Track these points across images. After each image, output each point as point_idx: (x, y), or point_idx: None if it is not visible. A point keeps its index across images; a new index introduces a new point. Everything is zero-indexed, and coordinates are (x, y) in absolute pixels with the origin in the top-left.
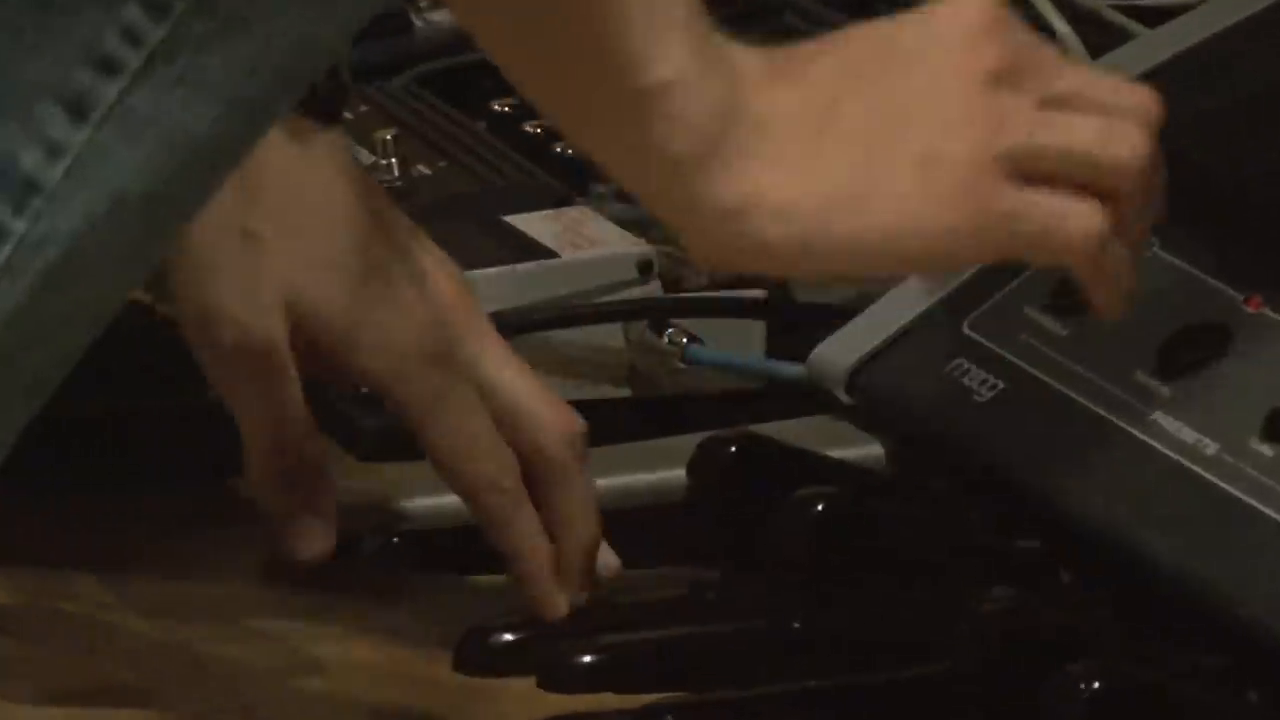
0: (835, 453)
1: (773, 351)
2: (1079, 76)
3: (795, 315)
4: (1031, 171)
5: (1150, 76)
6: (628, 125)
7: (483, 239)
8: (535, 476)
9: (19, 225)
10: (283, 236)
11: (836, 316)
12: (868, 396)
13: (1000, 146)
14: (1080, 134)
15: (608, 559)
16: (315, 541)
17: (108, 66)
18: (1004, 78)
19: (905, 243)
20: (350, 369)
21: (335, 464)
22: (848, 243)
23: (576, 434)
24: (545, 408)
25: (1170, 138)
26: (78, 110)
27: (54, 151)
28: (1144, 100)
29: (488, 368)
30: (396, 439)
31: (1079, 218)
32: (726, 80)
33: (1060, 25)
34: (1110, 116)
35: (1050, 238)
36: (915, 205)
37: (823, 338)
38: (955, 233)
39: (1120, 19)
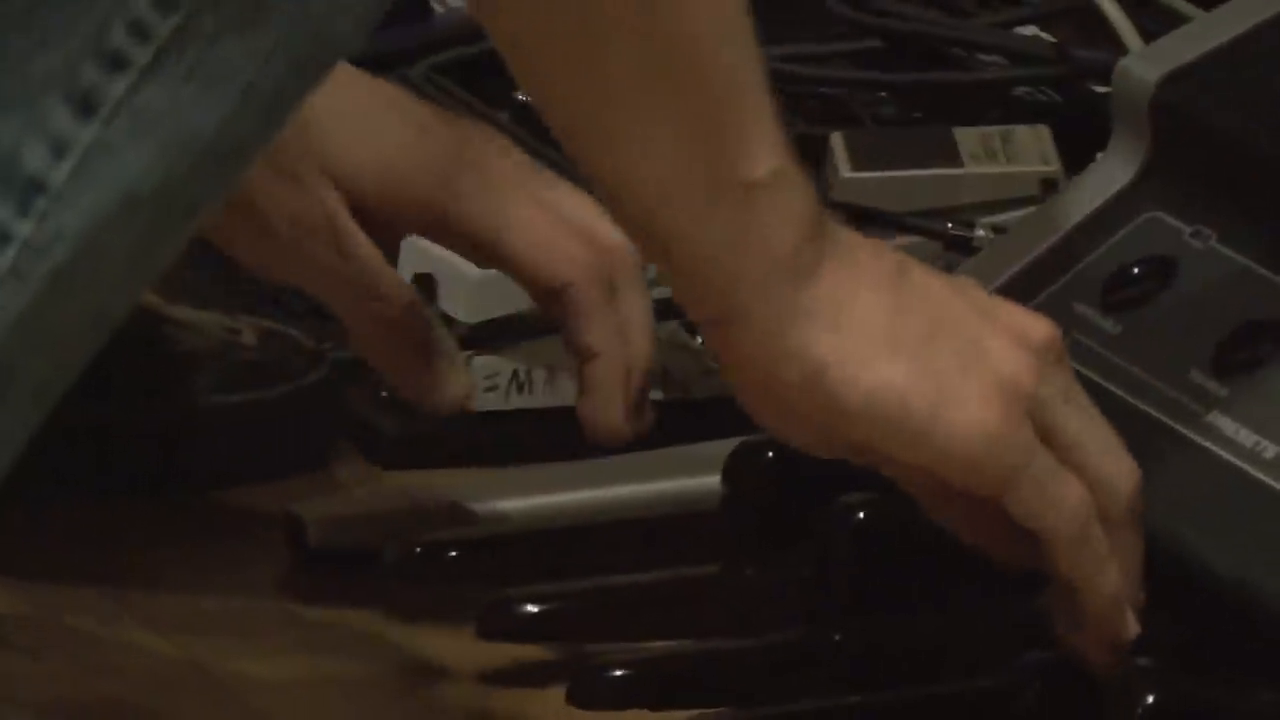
0: None
1: None
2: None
3: None
4: (1044, 429)
5: (1204, 62)
6: (736, 212)
7: None
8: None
9: (24, 227)
10: (328, 116)
11: None
12: None
13: (1032, 390)
14: (1098, 430)
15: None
16: (451, 386)
17: (116, 62)
18: (1047, 355)
19: (946, 411)
20: (414, 207)
21: (354, 472)
22: (899, 388)
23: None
24: (604, 219)
25: (1227, 125)
26: (85, 107)
27: (60, 150)
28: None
29: (546, 191)
30: (418, 447)
31: (1077, 493)
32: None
33: (1112, 9)
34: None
35: (1048, 493)
36: (965, 385)
37: None
38: (983, 427)
39: (1174, 2)
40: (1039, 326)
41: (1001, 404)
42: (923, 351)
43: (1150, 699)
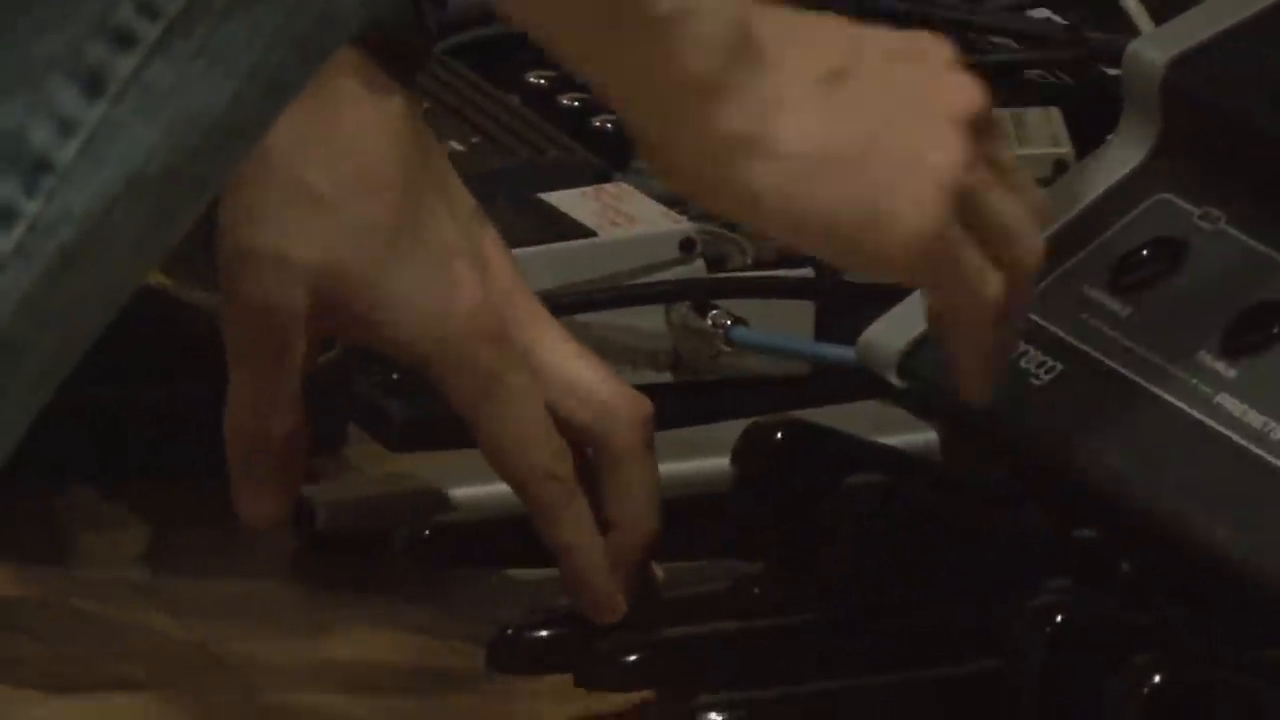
0: (886, 439)
1: (822, 333)
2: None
3: (845, 296)
4: (968, 217)
5: (1215, 45)
6: (643, 47)
7: (518, 217)
8: (599, 463)
9: (31, 206)
10: (341, 195)
11: (888, 297)
12: (920, 380)
13: (963, 182)
14: (1013, 210)
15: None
16: (263, 503)
17: (123, 39)
18: (978, 129)
19: (875, 230)
20: (397, 342)
21: (365, 454)
22: (827, 212)
23: (644, 417)
24: (609, 390)
25: (1237, 107)
26: (92, 85)
27: (67, 129)
28: (1044, 208)
29: (546, 351)
30: (428, 429)
31: (994, 285)
32: (742, 15)
33: None
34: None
35: (968, 288)
36: (896, 198)
37: (874, 319)
38: (919, 237)
39: None
40: (966, 98)
41: (931, 208)
42: (852, 167)
43: (1156, 679)
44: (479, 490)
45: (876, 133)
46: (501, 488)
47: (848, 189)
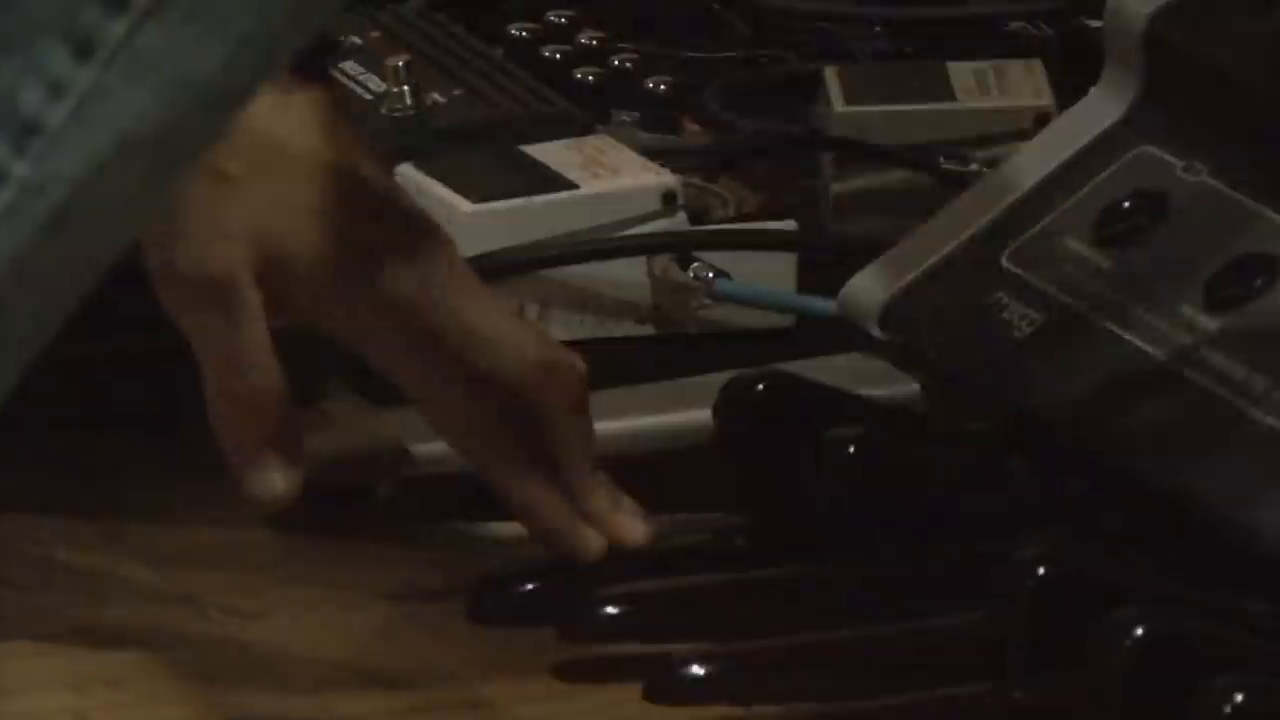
0: (868, 392)
1: (804, 286)
2: None
3: (827, 248)
4: None
5: None
6: None
7: (499, 169)
8: (538, 424)
9: (20, 168)
10: (254, 176)
11: (870, 249)
12: (902, 333)
13: None
14: None
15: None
16: (273, 483)
17: (115, 3)
18: None
19: None
20: (319, 316)
21: (346, 407)
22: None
23: (576, 376)
24: (540, 350)
25: (1217, 59)
26: (83, 48)
27: (57, 91)
28: None
29: (475, 314)
30: None
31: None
32: None
33: None
34: None
35: None
36: None
37: (856, 271)
38: None
39: None
40: None
41: None
42: None
43: (1140, 631)
44: None
45: None
46: None
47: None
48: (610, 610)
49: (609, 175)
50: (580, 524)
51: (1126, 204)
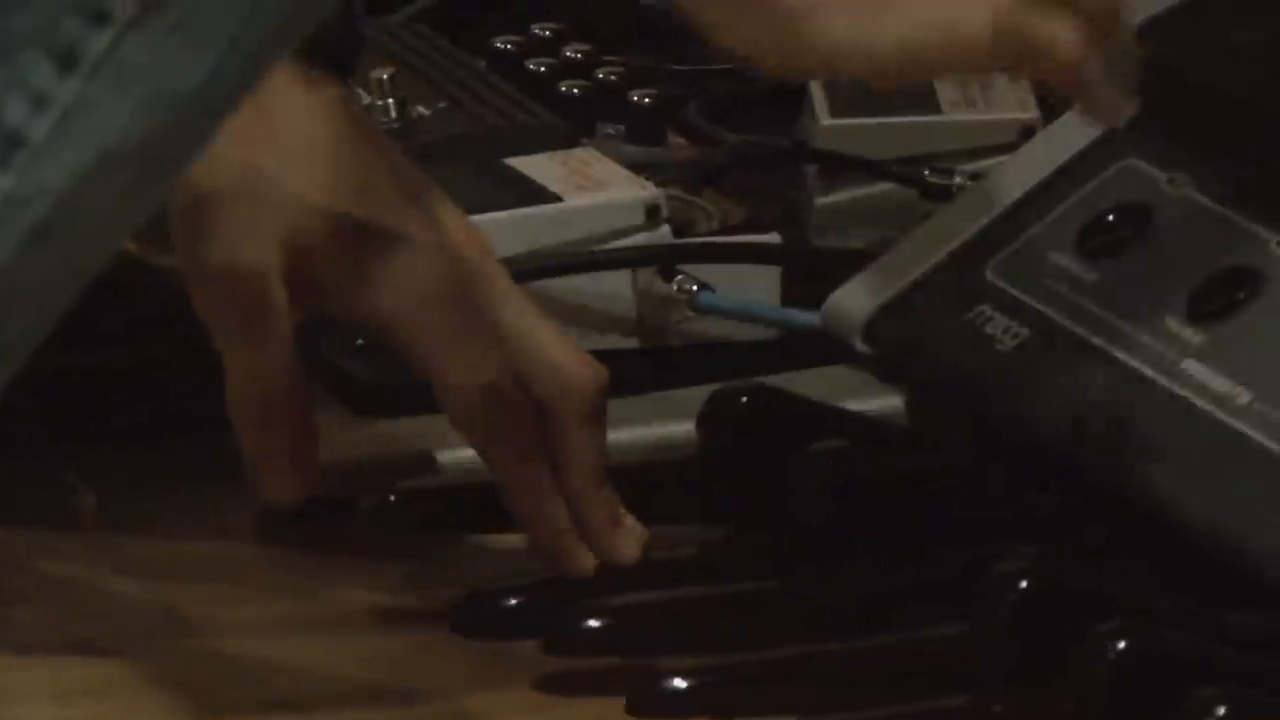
0: (852, 405)
1: (787, 299)
2: None
3: (811, 260)
4: None
5: (1180, 10)
6: None
7: (484, 182)
8: (547, 430)
9: (4, 181)
10: (285, 170)
11: (854, 262)
12: (886, 346)
13: None
14: None
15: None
16: (285, 486)
17: (99, 15)
18: None
19: (951, 34)
20: (358, 307)
21: (330, 419)
22: (903, 38)
23: (597, 386)
24: (563, 357)
25: (1202, 73)
26: (66, 61)
27: (41, 103)
28: None
29: (506, 314)
30: (393, 394)
31: (1069, 45)
32: None
33: None
34: None
35: (1047, 52)
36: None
37: (839, 284)
38: (980, 33)
39: None
40: None
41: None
42: None
43: (1123, 645)
44: (445, 455)
45: None
46: (467, 453)
47: (911, 12)
48: (593, 624)
49: (594, 188)
50: (572, 537)
51: (1111, 217)
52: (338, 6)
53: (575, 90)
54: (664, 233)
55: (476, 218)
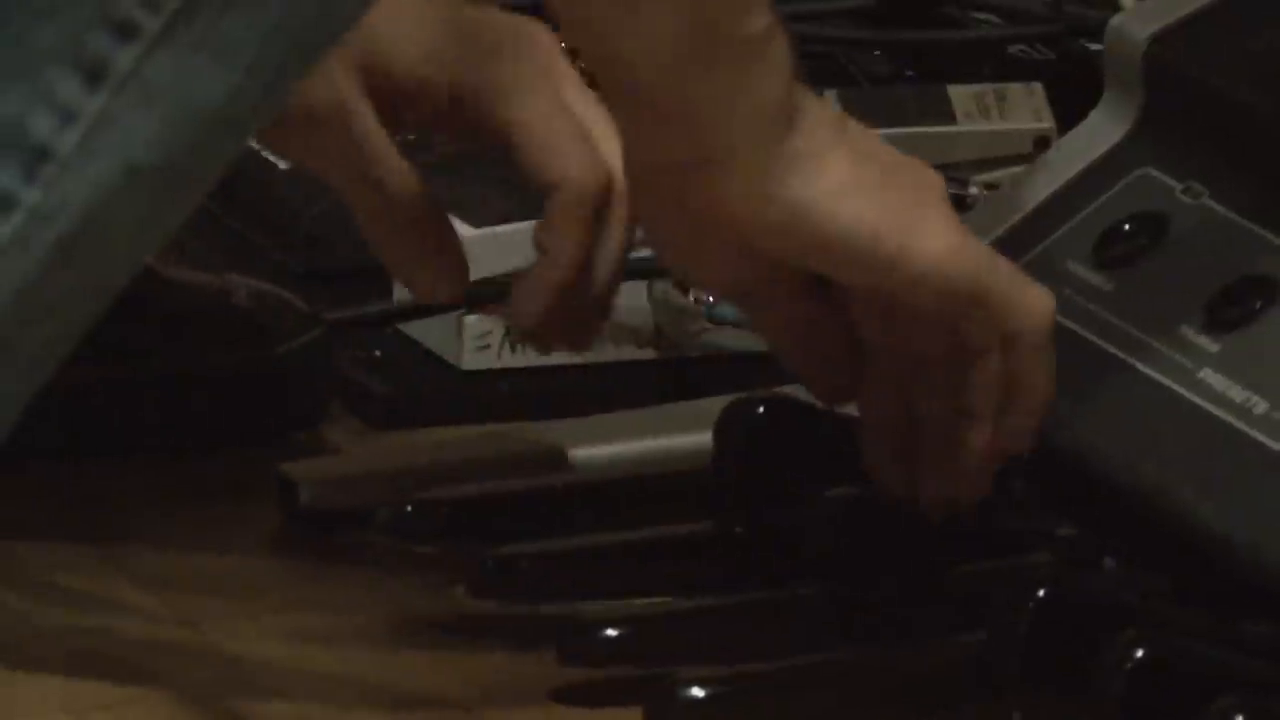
0: None
1: None
2: None
3: None
4: None
5: (1196, 19)
6: (734, 67)
7: (500, 194)
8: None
9: (31, 195)
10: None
11: None
12: None
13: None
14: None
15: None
16: (445, 282)
17: (125, 31)
18: None
19: (914, 239)
20: (435, 94)
21: (345, 431)
22: (871, 223)
23: (599, 184)
24: (615, 138)
25: (1218, 81)
26: (93, 76)
27: (67, 118)
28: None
29: (570, 92)
30: (409, 406)
31: (1044, 295)
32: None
33: None
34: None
35: (1014, 297)
36: (929, 219)
37: None
38: (959, 250)
39: None
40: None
41: (959, 226)
42: (883, 191)
43: (1140, 654)
44: (460, 467)
45: (892, 167)
46: (482, 465)
47: (887, 206)
48: (610, 633)
49: None
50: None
51: (1127, 226)
52: (355, 26)
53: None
54: None
55: (494, 229)
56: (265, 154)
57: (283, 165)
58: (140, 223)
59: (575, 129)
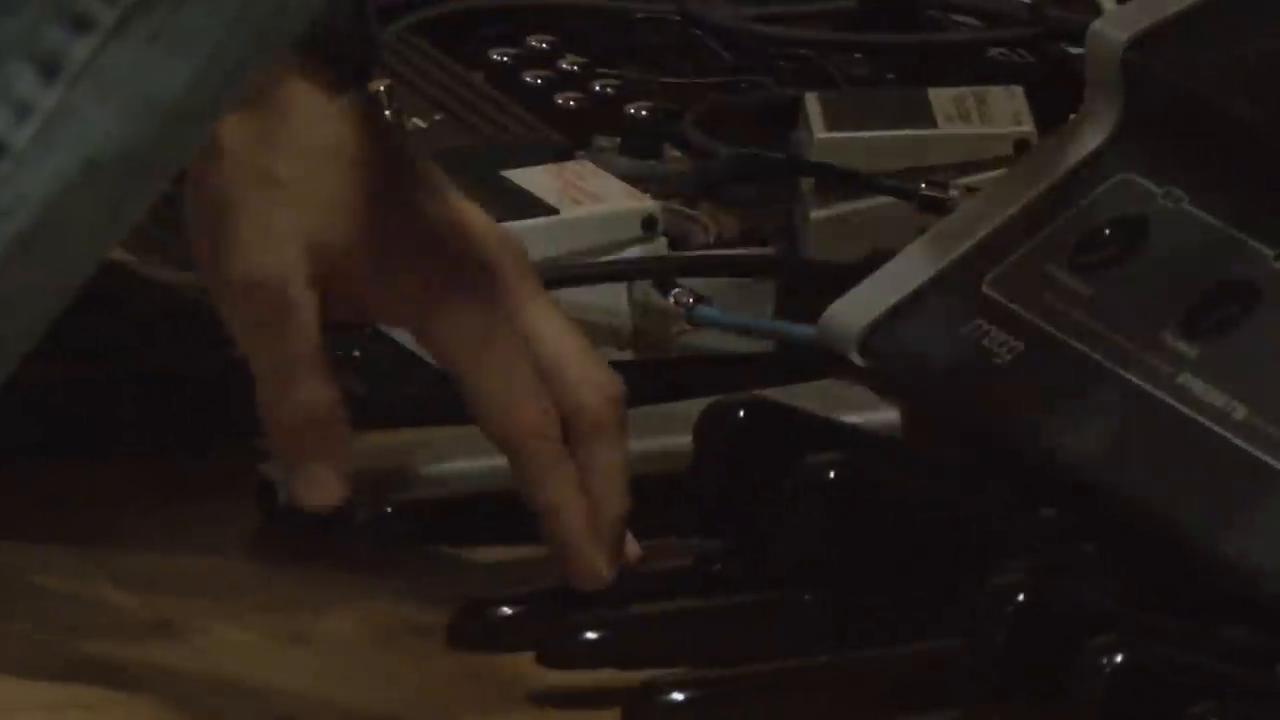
0: (848, 418)
1: (784, 312)
2: None
3: (806, 274)
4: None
5: (1176, 24)
6: None
7: (480, 195)
8: (573, 436)
9: None
10: (303, 178)
11: (850, 275)
12: (882, 359)
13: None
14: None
15: (630, 545)
16: (320, 490)
17: (80, 23)
18: None
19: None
20: (385, 309)
21: None
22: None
23: (618, 395)
24: (589, 364)
25: (1198, 86)
26: (48, 69)
27: (22, 112)
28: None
29: (531, 318)
30: (389, 407)
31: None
32: None
33: None
34: None
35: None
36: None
37: (835, 297)
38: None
39: None
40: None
41: None
42: None
43: (1119, 659)
44: (441, 468)
45: None
46: (463, 466)
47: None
48: (590, 636)
49: (590, 201)
50: (592, 542)
51: (1107, 231)
52: (317, 17)
53: (571, 103)
54: (660, 245)
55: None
56: None
57: None
58: (101, 215)
59: (530, 380)
